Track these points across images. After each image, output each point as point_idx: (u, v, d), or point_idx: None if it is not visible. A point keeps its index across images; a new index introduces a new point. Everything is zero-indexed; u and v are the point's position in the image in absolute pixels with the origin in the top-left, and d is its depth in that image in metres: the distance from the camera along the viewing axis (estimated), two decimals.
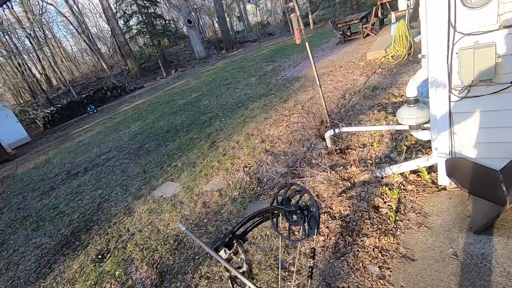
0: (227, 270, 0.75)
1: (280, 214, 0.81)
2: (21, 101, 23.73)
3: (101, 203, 4.55)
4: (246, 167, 4.12)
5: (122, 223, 3.78)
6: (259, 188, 3.54)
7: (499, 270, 1.84)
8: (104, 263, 3.14)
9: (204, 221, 3.30)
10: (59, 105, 16.22)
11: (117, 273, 2.92)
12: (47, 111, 15.38)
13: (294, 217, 0.77)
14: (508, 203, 1.96)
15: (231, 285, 0.73)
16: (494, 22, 1.82)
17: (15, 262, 3.74)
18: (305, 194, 0.95)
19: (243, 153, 4.53)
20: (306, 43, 4.10)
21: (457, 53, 2.00)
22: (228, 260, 0.78)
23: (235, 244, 0.76)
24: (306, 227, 0.75)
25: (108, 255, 3.25)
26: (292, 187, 0.93)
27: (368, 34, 9.81)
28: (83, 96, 17.18)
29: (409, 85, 2.71)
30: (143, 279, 2.76)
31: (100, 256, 3.28)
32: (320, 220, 2.69)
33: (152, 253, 3.05)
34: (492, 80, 1.95)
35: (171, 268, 2.78)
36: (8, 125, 12.55)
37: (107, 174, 5.65)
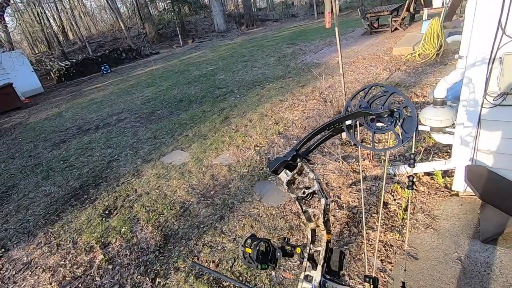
0: (292, 192, 0.69)
1: (358, 122, 0.67)
2: (37, 52, 23.69)
3: (110, 161, 4.63)
4: (257, 146, 4.12)
5: (130, 184, 3.86)
6: (268, 169, 3.56)
7: (502, 280, 1.86)
8: (111, 219, 3.24)
9: (211, 192, 3.35)
10: (74, 60, 16.17)
11: (123, 229, 3.02)
12: (62, 64, 15.36)
13: (379, 124, 0.64)
14: None
15: (299, 206, 0.68)
16: None
17: (24, 206, 3.87)
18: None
19: (255, 132, 4.52)
20: (336, 29, 3.96)
21: (500, 57, 1.92)
22: (291, 182, 0.71)
23: (298, 163, 0.68)
24: (400, 132, 0.62)
25: (115, 212, 3.34)
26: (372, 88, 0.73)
27: (396, 28, 9.45)
28: (98, 54, 17.05)
29: (439, 85, 2.63)
30: (148, 239, 2.84)
31: (107, 212, 3.38)
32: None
33: (158, 216, 3.13)
34: None
35: (176, 232, 2.86)
36: (24, 74, 12.59)
37: (118, 135, 5.71)
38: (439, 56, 6.03)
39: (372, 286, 0.63)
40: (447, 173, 2.77)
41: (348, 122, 0.72)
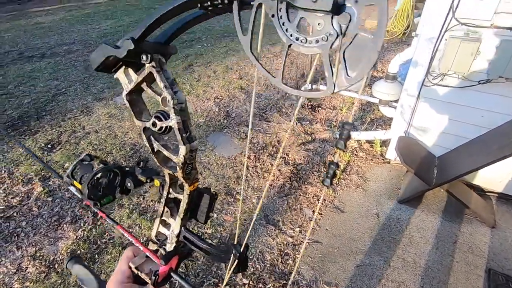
0: (138, 117, 0.46)
1: (264, 8, 0.32)
2: None
3: (56, 94, 4.27)
4: (218, 98, 4.08)
5: (78, 120, 3.65)
6: (225, 121, 3.59)
7: (406, 233, 2.22)
8: (54, 153, 3.09)
9: (165, 138, 3.32)
10: None
11: (66, 164, 2.91)
12: None
13: (301, 36, 0.33)
14: (433, 184, 2.27)
15: (147, 143, 0.48)
16: (489, 19, 1.88)
17: None
18: None
19: (218, 84, 4.44)
20: None
21: (446, 39, 2.07)
22: (136, 92, 0.45)
23: (146, 64, 0.41)
24: (338, 64, 0.31)
25: (59, 147, 3.19)
26: None
27: None
28: None
29: (393, 61, 2.77)
30: None
31: (49, 146, 3.21)
32: (274, 166, 2.88)
33: (106, 155, 3.05)
34: (465, 74, 2.09)
35: None
36: None
37: (67, 67, 5.20)
38: (405, 36, 6.23)
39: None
40: (385, 143, 3.05)
41: None
